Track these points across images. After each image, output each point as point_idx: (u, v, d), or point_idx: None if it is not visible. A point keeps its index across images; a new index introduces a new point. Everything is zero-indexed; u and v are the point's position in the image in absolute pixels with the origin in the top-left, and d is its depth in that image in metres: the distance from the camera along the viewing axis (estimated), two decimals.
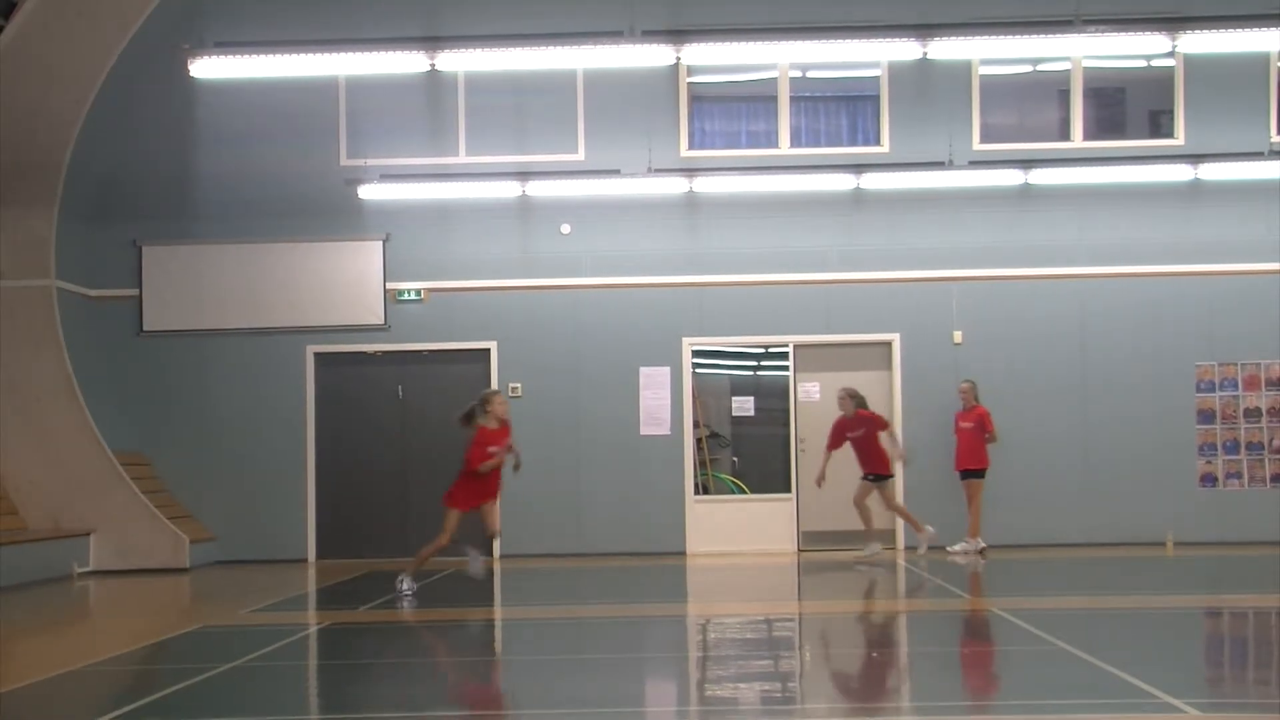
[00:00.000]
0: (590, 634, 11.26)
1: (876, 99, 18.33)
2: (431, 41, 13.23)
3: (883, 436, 16.70)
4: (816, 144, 18.43)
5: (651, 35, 12.99)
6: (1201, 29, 12.74)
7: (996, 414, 17.60)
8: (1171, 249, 17.98)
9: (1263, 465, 17.97)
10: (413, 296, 18.23)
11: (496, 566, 17.10)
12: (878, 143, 18.30)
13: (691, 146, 18.34)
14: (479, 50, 13.52)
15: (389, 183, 17.37)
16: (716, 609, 12.82)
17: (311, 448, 18.10)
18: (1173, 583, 14.42)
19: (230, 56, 13.59)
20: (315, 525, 18.07)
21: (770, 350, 18.32)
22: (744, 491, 18.21)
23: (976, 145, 18.05)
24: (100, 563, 16.94)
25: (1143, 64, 18.44)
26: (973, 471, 17.03)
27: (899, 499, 17.17)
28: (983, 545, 16.87)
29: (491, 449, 13.11)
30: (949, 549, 16.45)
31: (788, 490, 17.95)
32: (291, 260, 18.24)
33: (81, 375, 17.28)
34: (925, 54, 12.90)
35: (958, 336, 18.01)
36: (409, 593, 13.20)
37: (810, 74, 18.53)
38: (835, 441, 16.76)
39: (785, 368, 18.19)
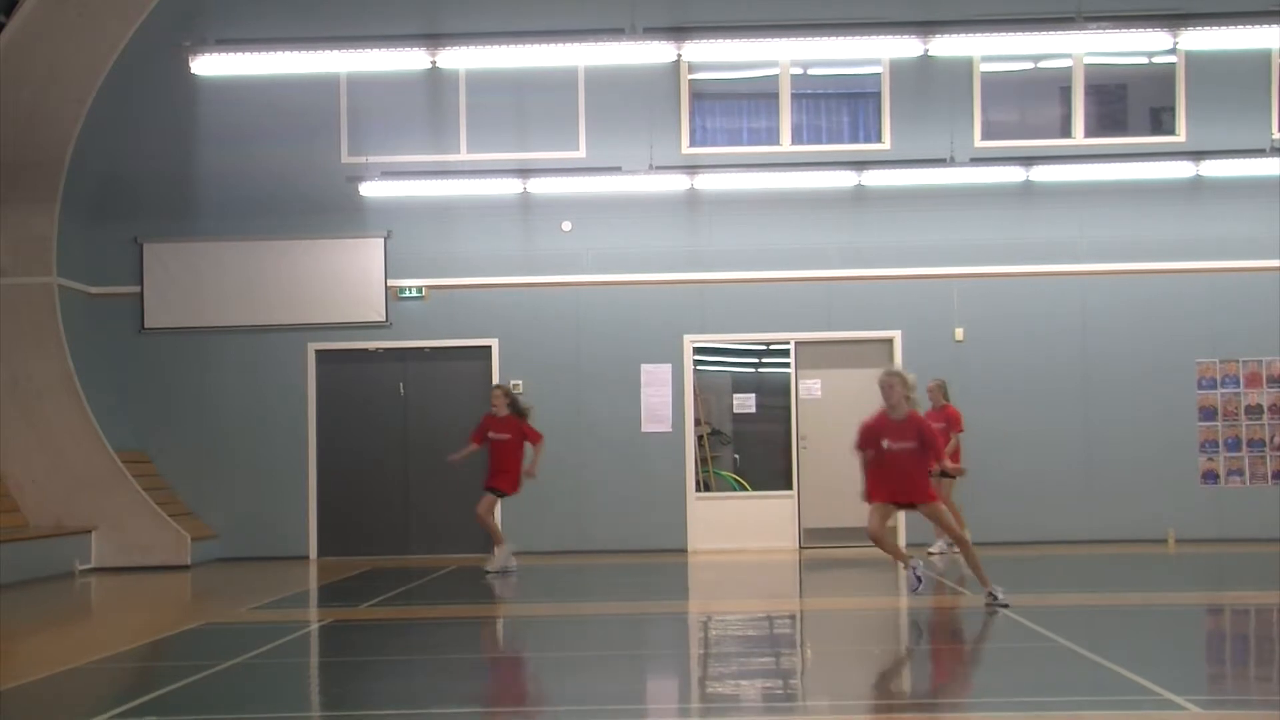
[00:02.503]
0: (591, 631, 11.26)
1: (878, 96, 18.33)
2: (432, 39, 13.23)
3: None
4: (818, 141, 18.43)
5: (653, 32, 12.99)
6: (1203, 26, 12.74)
7: (997, 411, 17.64)
8: (1173, 246, 17.98)
9: (1264, 462, 17.96)
10: (414, 294, 18.24)
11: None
12: (879, 140, 18.29)
13: (693, 144, 18.34)
14: (480, 47, 13.54)
15: (390, 180, 17.37)
16: (718, 606, 12.83)
17: (313, 445, 18.11)
18: (1174, 580, 14.42)
19: (231, 54, 13.60)
20: (316, 522, 18.08)
21: (771, 347, 18.32)
22: (745, 488, 18.21)
23: (978, 142, 18.04)
24: (102, 560, 16.95)
25: (1144, 61, 18.44)
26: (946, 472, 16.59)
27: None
28: (948, 547, 16.36)
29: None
30: (928, 550, 16.29)
31: (789, 487, 17.96)
32: (293, 257, 18.24)
33: (83, 373, 17.28)
34: (926, 51, 12.91)
35: (959, 334, 18.01)
36: None
37: (811, 71, 18.52)
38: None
39: (786, 365, 18.19)
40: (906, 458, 11.24)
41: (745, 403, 18.33)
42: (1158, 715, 7.12)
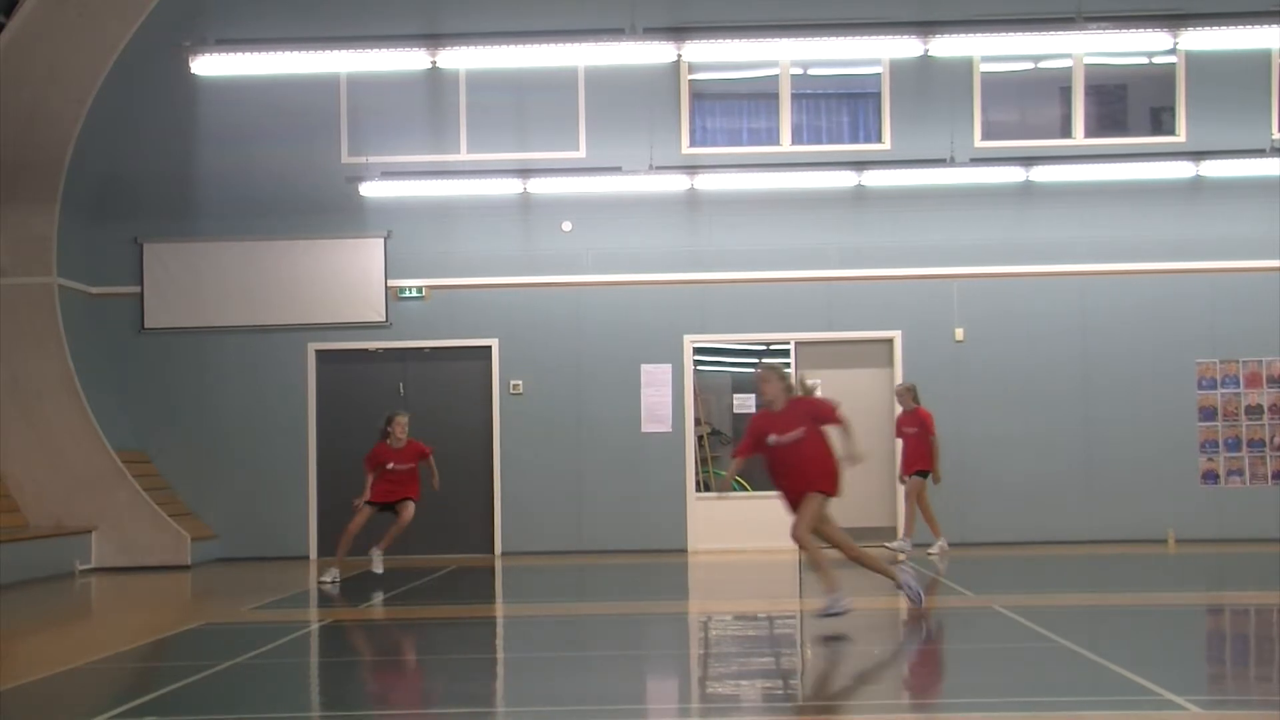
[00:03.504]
0: (591, 631, 11.26)
1: (878, 96, 18.33)
2: (432, 39, 13.23)
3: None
4: (818, 141, 18.43)
5: (653, 32, 12.99)
6: (1203, 26, 12.73)
7: (997, 411, 17.66)
8: (1173, 246, 17.98)
9: (1264, 462, 17.96)
10: (414, 294, 18.23)
11: (498, 564, 17.12)
12: (879, 140, 18.29)
13: (693, 144, 18.34)
14: (480, 48, 13.53)
15: (390, 180, 17.37)
16: (718, 606, 12.82)
17: (313, 445, 18.11)
18: (1174, 580, 14.42)
19: (231, 54, 13.60)
20: (316, 522, 18.08)
21: (771, 347, 18.32)
22: (745, 489, 18.20)
23: (978, 142, 18.04)
24: (102, 560, 16.95)
25: (1144, 61, 18.44)
26: (921, 472, 16.29)
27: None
28: (911, 547, 16.24)
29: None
30: (928, 551, 16.16)
31: None
32: (293, 257, 18.24)
33: (83, 372, 17.28)
34: (927, 51, 12.91)
35: (959, 334, 18.01)
36: None
37: (811, 71, 18.52)
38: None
39: (787, 365, 18.17)
40: (798, 449, 10.37)
41: (745, 403, 18.32)
42: (1158, 715, 7.12)
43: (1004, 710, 7.38)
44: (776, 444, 10.42)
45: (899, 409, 16.71)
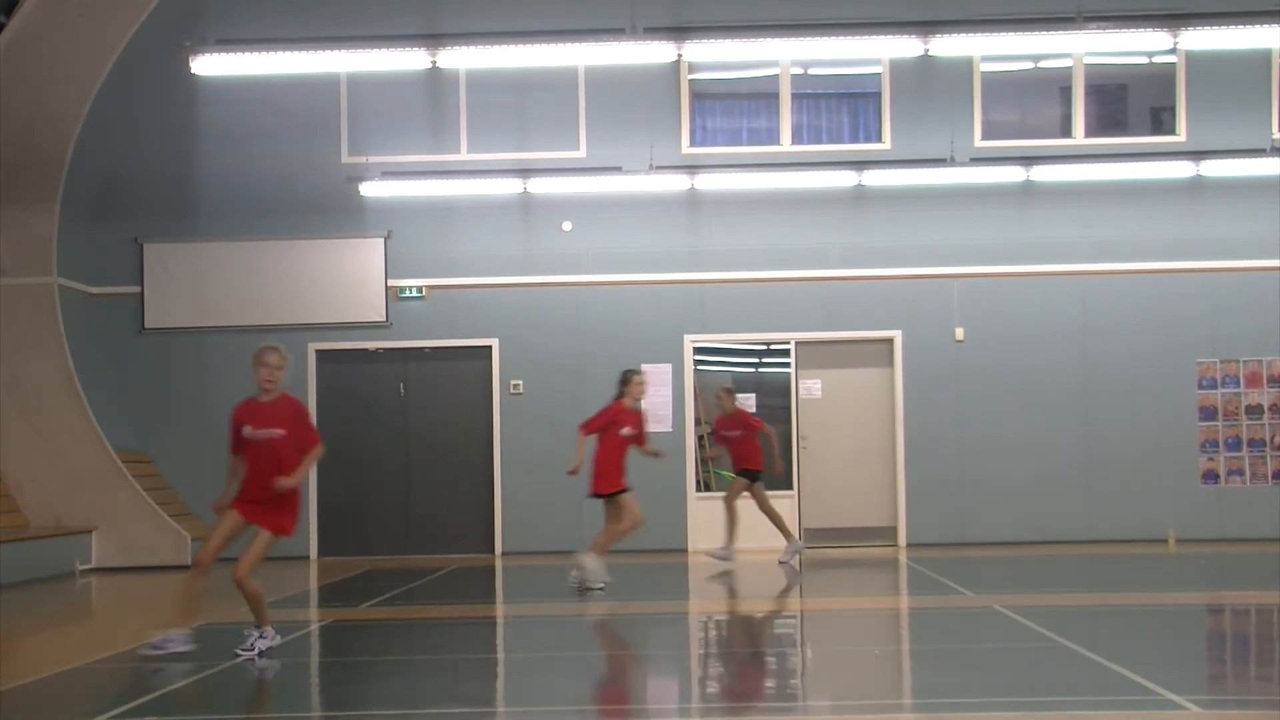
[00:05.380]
0: (592, 631, 11.26)
1: (878, 96, 18.32)
2: (433, 39, 13.23)
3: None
4: (818, 141, 18.43)
5: (653, 32, 12.99)
6: (1203, 26, 12.73)
7: (997, 411, 17.67)
8: (1173, 246, 17.97)
9: (1265, 462, 17.96)
10: (414, 294, 18.23)
11: (498, 564, 17.12)
12: (879, 140, 18.29)
13: (693, 144, 18.33)
14: (480, 47, 13.53)
15: (390, 180, 17.37)
16: (718, 606, 12.81)
17: None
18: (1175, 580, 14.41)
19: (231, 54, 13.60)
20: (317, 522, 18.07)
21: (772, 347, 18.32)
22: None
23: (978, 142, 18.04)
24: (102, 560, 16.95)
25: (1144, 61, 18.43)
26: (751, 472, 15.58)
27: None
28: (803, 545, 16.06)
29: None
30: (779, 560, 15.73)
31: (789, 487, 17.93)
32: (293, 257, 18.24)
33: (83, 373, 17.28)
34: (927, 51, 12.91)
35: (959, 333, 18.00)
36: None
37: (812, 71, 18.52)
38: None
39: (787, 365, 18.18)
40: (269, 449, 9.40)
41: (745, 403, 18.29)
42: (1158, 715, 7.11)
43: (1004, 710, 7.38)
44: (251, 438, 9.65)
45: (717, 411, 16.09)
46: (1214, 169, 17.24)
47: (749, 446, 15.57)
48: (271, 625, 9.61)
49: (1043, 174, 17.50)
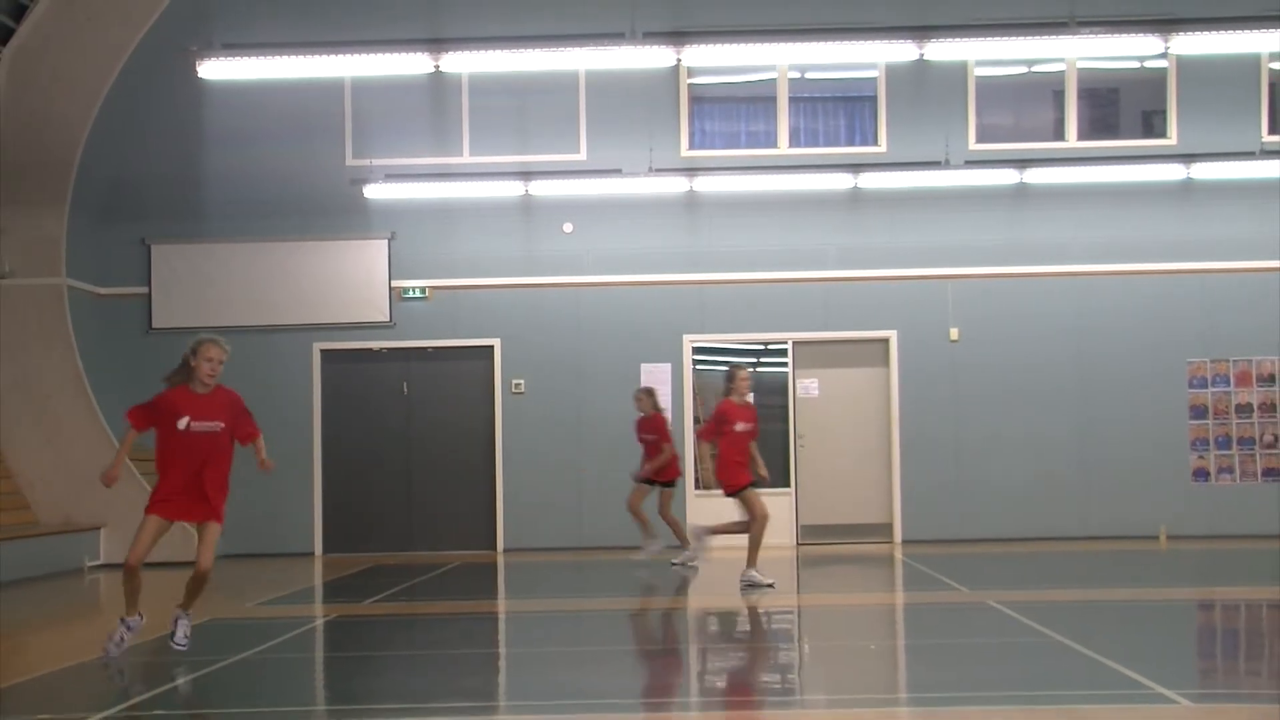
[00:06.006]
0: (592, 626, 11.26)
1: (874, 100, 18.32)
2: (435, 43, 13.21)
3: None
4: (815, 144, 18.43)
5: (652, 37, 12.97)
6: (1193, 31, 12.71)
7: (992, 410, 17.67)
8: (1164, 247, 17.98)
9: (1254, 460, 17.96)
10: (417, 294, 18.23)
11: (500, 560, 17.12)
12: (875, 143, 18.29)
13: (692, 146, 18.33)
14: (482, 52, 13.49)
15: (394, 182, 17.36)
16: (717, 602, 12.82)
17: (318, 443, 18.10)
18: (1166, 576, 14.42)
19: (237, 58, 13.58)
20: (321, 519, 18.07)
21: (769, 347, 18.32)
22: None
23: (972, 145, 18.04)
24: (110, 556, 16.93)
25: (1136, 65, 18.42)
26: (667, 482, 15.35)
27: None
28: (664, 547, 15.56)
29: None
30: (673, 561, 15.02)
31: (787, 485, 17.94)
32: (298, 259, 18.24)
33: (91, 372, 17.29)
34: (922, 55, 12.88)
35: (954, 333, 18.00)
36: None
37: (809, 75, 18.52)
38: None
39: (784, 364, 18.18)
40: (208, 442, 9.30)
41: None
42: (1150, 709, 7.12)
43: (999, 704, 7.38)
44: (188, 430, 9.60)
45: (637, 411, 15.56)
46: (1204, 171, 17.23)
47: (658, 452, 15.21)
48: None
49: (1036, 176, 17.49)
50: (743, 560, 13.05)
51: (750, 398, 13.35)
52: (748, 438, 13.08)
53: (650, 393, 15.65)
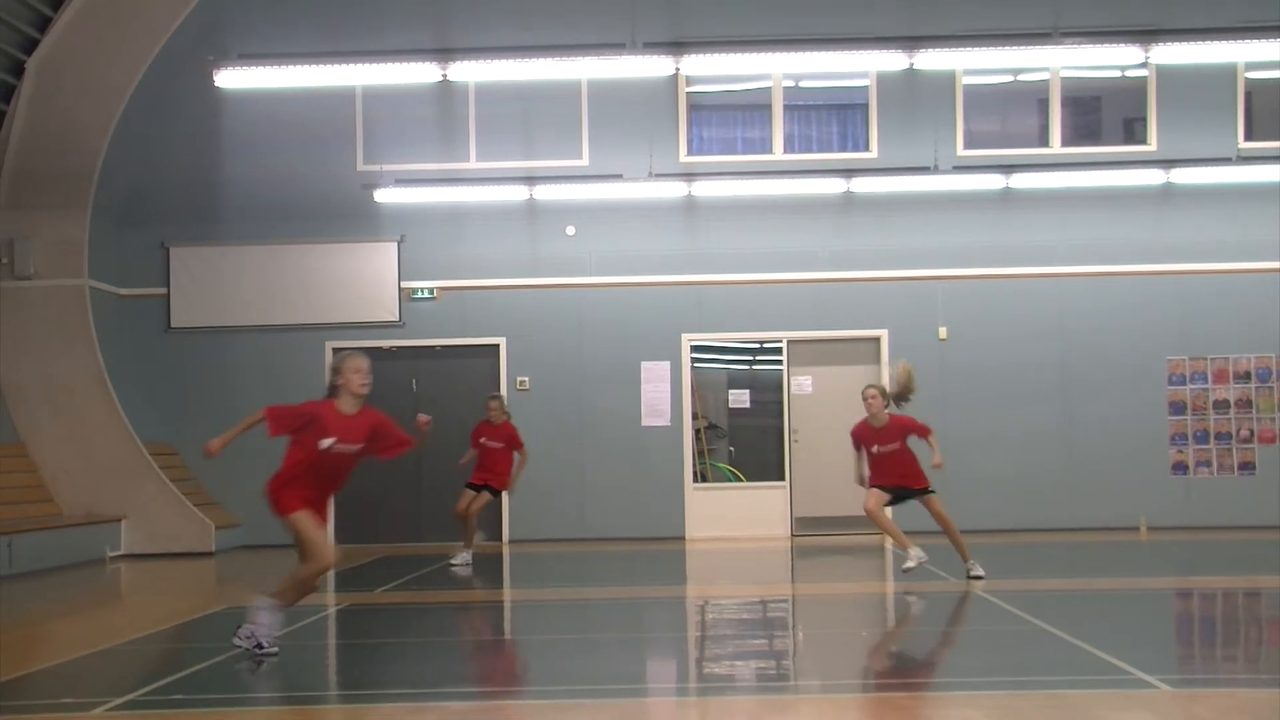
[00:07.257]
0: (595, 615, 11.27)
1: (865, 107, 18.33)
2: (443, 53, 13.23)
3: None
4: (808, 150, 18.44)
5: (652, 47, 13.00)
6: (1172, 41, 12.74)
7: (979, 406, 17.68)
8: (1145, 249, 17.99)
9: (1231, 454, 17.98)
10: (426, 295, 18.24)
11: (505, 551, 17.13)
12: (867, 149, 18.29)
13: (690, 152, 18.34)
14: (489, 61, 13.53)
15: (403, 187, 17.37)
16: (714, 591, 12.84)
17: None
18: (1147, 566, 14.43)
19: (253, 68, 13.60)
20: (333, 511, 17.98)
21: (765, 345, 18.33)
22: (740, 480, 18.22)
23: (960, 151, 18.05)
24: (131, 547, 16.97)
25: (1117, 74, 18.44)
26: (494, 490, 14.64)
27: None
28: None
29: None
30: (450, 561, 14.65)
31: (782, 478, 17.96)
32: (310, 260, 18.25)
33: (112, 369, 17.31)
34: (912, 65, 12.91)
35: (943, 332, 18.02)
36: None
37: (803, 84, 18.52)
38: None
39: (779, 362, 18.20)
40: (343, 462, 8.96)
41: (740, 398, 18.34)
42: (1131, 694, 7.13)
43: (985, 690, 7.39)
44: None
45: (485, 417, 14.66)
46: (1183, 176, 17.26)
47: (507, 462, 14.46)
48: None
49: (1021, 181, 17.51)
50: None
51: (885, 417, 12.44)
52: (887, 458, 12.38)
53: (500, 400, 14.70)
